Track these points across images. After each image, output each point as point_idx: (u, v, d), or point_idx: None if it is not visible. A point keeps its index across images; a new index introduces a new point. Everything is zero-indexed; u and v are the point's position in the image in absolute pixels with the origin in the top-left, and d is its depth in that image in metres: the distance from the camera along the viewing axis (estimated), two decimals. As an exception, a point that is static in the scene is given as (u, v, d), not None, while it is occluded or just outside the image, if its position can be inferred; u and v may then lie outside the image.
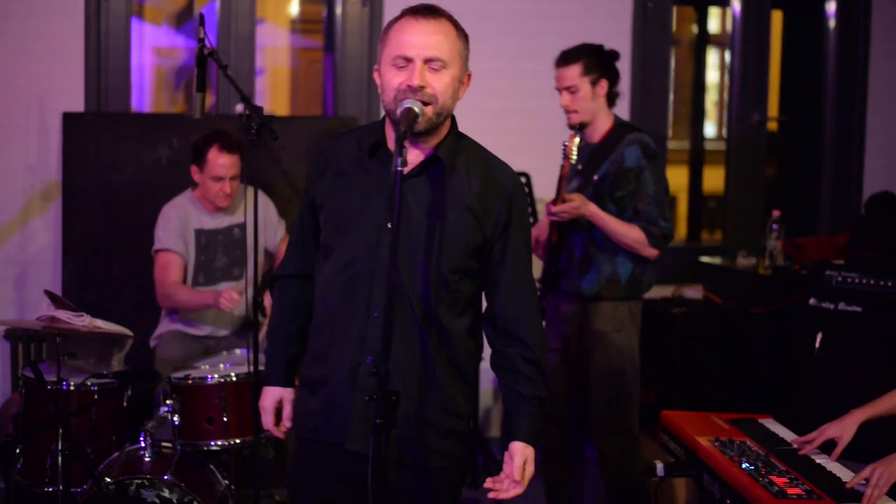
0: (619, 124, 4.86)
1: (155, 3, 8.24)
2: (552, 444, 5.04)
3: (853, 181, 7.21)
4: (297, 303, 3.24)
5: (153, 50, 8.24)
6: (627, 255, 4.74)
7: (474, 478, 6.02)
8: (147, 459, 4.35)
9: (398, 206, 2.68)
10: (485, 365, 3.31)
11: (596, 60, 4.78)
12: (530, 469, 3.03)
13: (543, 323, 5.00)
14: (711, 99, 9.50)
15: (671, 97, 9.79)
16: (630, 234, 4.68)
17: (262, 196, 5.31)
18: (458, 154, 3.02)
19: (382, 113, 3.05)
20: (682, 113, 8.75)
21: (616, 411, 4.84)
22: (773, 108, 7.60)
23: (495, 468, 5.90)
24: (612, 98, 4.85)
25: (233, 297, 4.91)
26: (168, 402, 4.46)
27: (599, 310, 4.80)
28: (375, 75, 3.01)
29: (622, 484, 4.88)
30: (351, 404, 2.96)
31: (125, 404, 4.57)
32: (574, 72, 4.75)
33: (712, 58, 9.41)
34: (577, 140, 4.64)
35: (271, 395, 3.26)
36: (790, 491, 3.36)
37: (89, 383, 4.47)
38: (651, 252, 4.73)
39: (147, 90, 8.21)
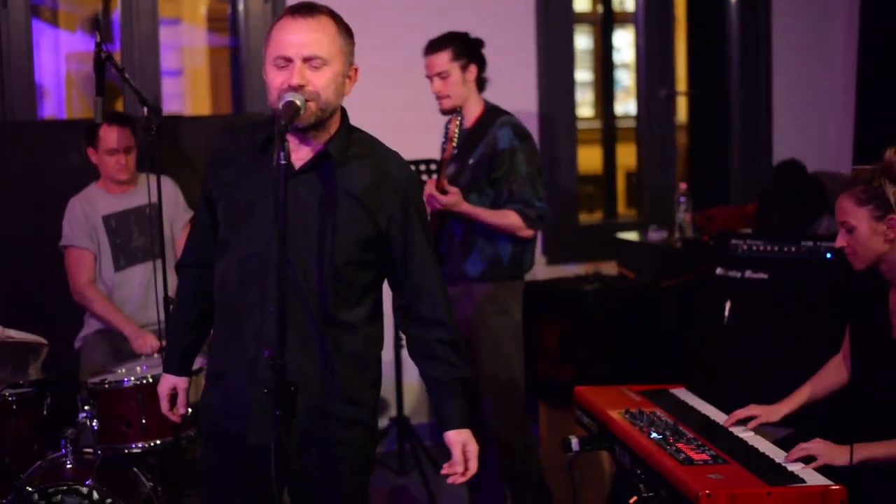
0: (489, 108, 4.99)
1: (69, 9, 8.19)
2: None
3: (762, 151, 7.32)
4: (194, 292, 3.28)
5: (68, 56, 8.19)
6: (507, 237, 4.85)
7: (402, 465, 6.07)
8: (69, 466, 4.34)
9: (283, 199, 2.71)
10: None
11: (463, 46, 4.92)
12: (472, 449, 3.11)
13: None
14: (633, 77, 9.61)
15: (591, 77, 9.92)
16: (505, 221, 4.80)
17: (170, 181, 5.41)
18: (349, 148, 3.05)
19: None
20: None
21: (504, 390, 4.95)
22: (682, 83, 7.70)
23: (423, 455, 5.96)
24: (481, 83, 4.99)
25: (152, 345, 5.03)
26: (86, 408, 4.47)
27: (484, 291, 4.90)
28: (264, 75, 3.03)
29: (516, 460, 5.00)
30: (250, 397, 3.00)
31: (45, 412, 4.56)
32: (443, 58, 4.88)
33: (628, 36, 9.51)
34: (458, 121, 4.71)
35: (166, 383, 3.35)
36: (696, 457, 3.43)
37: (6, 393, 4.45)
38: (528, 233, 4.86)
39: (63, 96, 8.17)
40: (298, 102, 2.85)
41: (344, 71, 2.98)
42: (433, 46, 4.93)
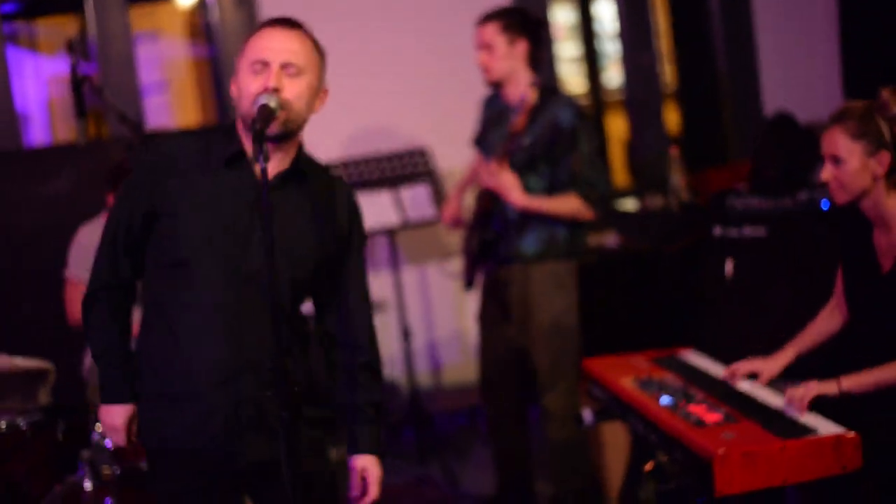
0: (542, 88, 4.86)
1: (48, 34, 8.18)
2: (498, 413, 5.12)
3: (752, 107, 7.29)
4: (118, 312, 3.10)
5: (50, 80, 8.18)
6: None
7: (422, 455, 6.06)
8: (88, 488, 4.34)
9: (268, 205, 2.71)
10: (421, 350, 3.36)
11: (516, 21, 4.82)
12: (371, 475, 3.09)
13: (479, 291, 5.10)
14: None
15: (578, 51, 9.88)
16: (566, 207, 4.76)
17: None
18: (309, 167, 3.06)
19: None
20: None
21: (560, 369, 4.92)
22: (666, 48, 7.68)
23: (442, 443, 5.96)
24: (534, 62, 4.88)
25: None
26: (99, 427, 4.47)
27: (541, 270, 4.86)
28: (233, 88, 2.99)
29: (565, 437, 4.96)
30: (228, 417, 2.95)
31: (60, 437, 4.56)
32: (491, 30, 4.80)
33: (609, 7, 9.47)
34: (534, 91, 4.64)
35: (124, 413, 3.12)
36: (708, 418, 3.44)
37: (18, 421, 4.45)
38: (589, 216, 4.82)
39: (49, 122, 8.16)
40: (273, 105, 2.83)
41: (317, 86, 2.97)
42: (485, 18, 4.84)
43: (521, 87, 4.78)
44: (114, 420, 3.12)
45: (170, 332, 3.00)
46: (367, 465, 3.10)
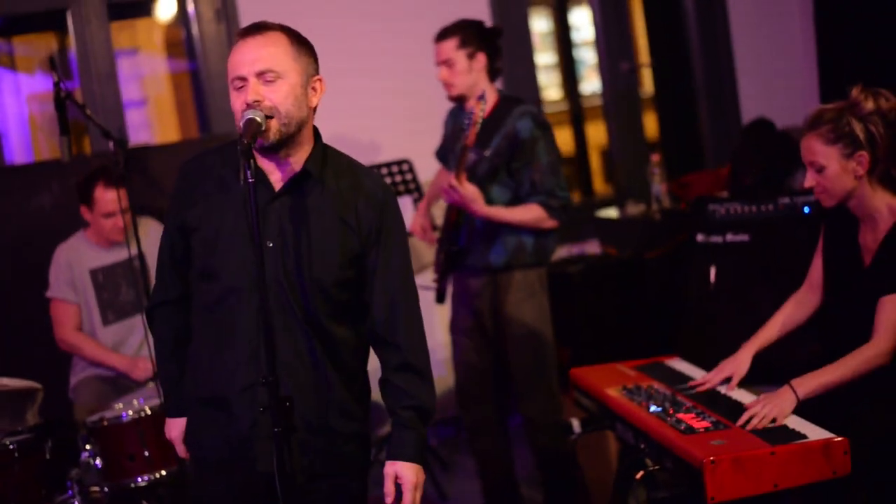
0: (504, 98, 4.93)
1: (25, 52, 8.15)
2: (476, 421, 5.13)
3: (730, 113, 7.33)
4: (179, 329, 3.18)
5: (30, 98, 8.16)
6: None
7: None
8: (78, 508, 4.35)
9: (257, 218, 2.73)
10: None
11: (473, 34, 4.84)
12: (407, 481, 3.00)
13: (449, 304, 5.11)
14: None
15: (554, 59, 9.92)
16: (528, 216, 4.76)
17: (155, 224, 5.34)
18: (325, 166, 3.03)
19: None
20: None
21: (537, 375, 4.93)
22: (644, 56, 7.71)
23: (430, 454, 5.96)
24: (493, 73, 4.91)
25: (147, 368, 5.03)
26: (87, 447, 4.47)
27: (510, 279, 4.87)
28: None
29: (550, 444, 4.97)
30: (252, 423, 2.96)
31: (48, 456, 4.55)
32: (450, 45, 4.82)
33: (585, 15, 9.51)
34: (482, 106, 4.65)
35: (178, 426, 3.23)
36: (697, 425, 3.46)
37: (6, 442, 4.44)
38: (551, 224, 4.82)
39: (30, 139, 8.13)
40: (259, 119, 2.84)
41: (302, 83, 2.96)
42: (441, 34, 4.87)
43: (488, 101, 4.82)
44: (168, 433, 3.27)
45: (203, 340, 3.07)
46: (400, 472, 3.00)
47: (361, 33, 6.26)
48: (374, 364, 3.13)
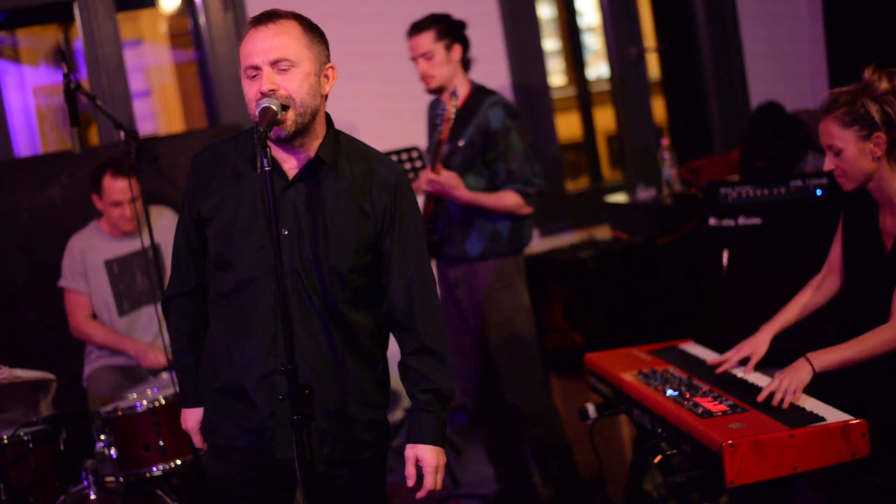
0: (476, 88, 4.99)
1: (29, 45, 8.15)
2: (480, 405, 5.15)
3: (739, 96, 7.31)
4: (196, 320, 3.19)
5: (36, 90, 8.16)
6: (505, 214, 4.87)
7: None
8: (93, 497, 4.34)
9: (273, 205, 2.72)
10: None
11: (447, 27, 4.92)
12: (428, 464, 3.02)
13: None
14: (600, 41, 9.60)
15: (559, 45, 9.91)
16: (504, 202, 4.82)
17: (169, 212, 5.34)
18: (339, 153, 3.03)
19: None
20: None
21: (518, 364, 4.98)
22: (650, 40, 7.68)
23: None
24: (466, 63, 4.99)
25: (159, 360, 5.03)
26: (102, 437, 4.47)
27: (487, 268, 4.92)
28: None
29: (540, 433, 5.02)
30: (270, 412, 2.97)
31: (62, 447, 4.55)
32: (427, 38, 4.88)
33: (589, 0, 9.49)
34: (454, 101, 4.73)
35: (195, 417, 3.24)
36: (715, 409, 3.45)
37: (21, 433, 4.45)
38: (528, 211, 4.89)
39: (37, 132, 8.13)
40: (275, 107, 2.83)
41: (316, 70, 2.95)
42: (416, 28, 4.92)
43: (461, 92, 4.91)
44: (185, 423, 3.27)
45: (220, 330, 3.07)
46: (421, 455, 3.01)
47: (370, 18, 6.24)
48: (393, 350, 3.12)
